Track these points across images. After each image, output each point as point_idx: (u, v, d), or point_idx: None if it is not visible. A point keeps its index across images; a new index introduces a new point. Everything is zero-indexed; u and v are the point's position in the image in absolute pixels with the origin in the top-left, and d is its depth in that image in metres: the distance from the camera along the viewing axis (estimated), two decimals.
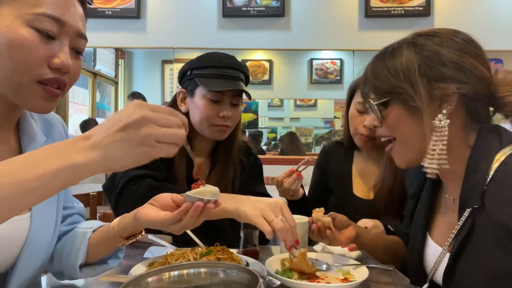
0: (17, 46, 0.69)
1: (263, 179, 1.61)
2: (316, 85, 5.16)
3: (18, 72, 0.70)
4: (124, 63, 5.58)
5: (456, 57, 0.87)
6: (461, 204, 0.88)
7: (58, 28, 0.73)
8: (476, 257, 0.84)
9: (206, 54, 1.41)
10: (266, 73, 5.13)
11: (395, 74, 0.89)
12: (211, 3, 4.15)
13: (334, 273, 1.02)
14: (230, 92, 1.34)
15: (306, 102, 5.92)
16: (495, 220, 0.80)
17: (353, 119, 1.52)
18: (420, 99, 0.87)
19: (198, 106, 1.35)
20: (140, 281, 0.67)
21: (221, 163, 1.43)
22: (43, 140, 0.88)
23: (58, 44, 0.74)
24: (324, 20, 4.13)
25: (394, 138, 0.96)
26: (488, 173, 0.82)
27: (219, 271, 0.71)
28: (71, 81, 0.79)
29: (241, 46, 4.23)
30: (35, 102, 0.74)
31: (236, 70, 1.36)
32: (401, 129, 0.92)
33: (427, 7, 3.93)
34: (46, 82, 0.73)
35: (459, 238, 0.87)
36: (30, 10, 0.70)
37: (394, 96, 0.90)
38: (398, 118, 0.91)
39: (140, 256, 1.15)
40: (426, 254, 1.01)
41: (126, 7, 4.10)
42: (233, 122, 1.38)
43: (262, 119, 5.92)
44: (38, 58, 0.71)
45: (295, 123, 6.01)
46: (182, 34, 4.13)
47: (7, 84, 0.72)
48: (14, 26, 0.69)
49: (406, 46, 0.91)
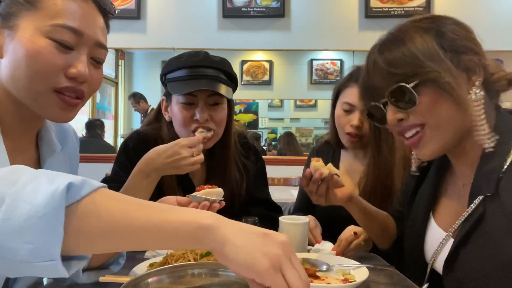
0: (34, 56, 0.72)
1: (267, 181, 1.53)
2: (316, 86, 5.17)
3: (36, 81, 0.74)
4: (124, 63, 5.59)
5: (464, 32, 0.87)
6: (473, 190, 0.86)
7: (76, 38, 0.75)
8: (483, 245, 0.82)
9: (176, 56, 1.32)
10: (266, 74, 5.13)
11: (414, 57, 0.85)
12: (211, 3, 4.15)
13: (334, 273, 1.02)
14: (204, 92, 1.22)
15: (306, 103, 5.92)
16: (510, 210, 0.78)
17: (339, 119, 1.52)
18: (449, 73, 0.83)
19: (174, 113, 1.27)
20: (140, 282, 0.67)
21: (218, 174, 1.36)
22: (59, 149, 0.91)
23: (76, 54, 0.76)
24: (324, 21, 4.13)
25: (422, 127, 0.89)
26: (506, 160, 0.80)
27: (219, 272, 0.71)
28: (91, 90, 0.81)
29: (241, 47, 4.24)
30: (53, 112, 0.77)
31: (207, 68, 1.24)
32: (437, 110, 0.86)
33: (427, 8, 3.94)
34: (63, 91, 0.75)
35: (466, 225, 0.85)
36: (49, 22, 0.73)
37: (422, 77, 0.85)
38: (433, 99, 0.85)
39: (140, 256, 1.16)
40: (427, 237, 0.99)
41: (126, 8, 4.11)
42: (216, 124, 1.26)
43: (262, 119, 5.92)
44: (54, 67, 0.74)
45: (295, 123, 6.01)
46: (182, 35, 4.14)
47: (27, 92, 0.75)
48: (33, 38, 0.72)
49: (414, 30, 0.88)
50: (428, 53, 0.84)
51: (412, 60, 0.85)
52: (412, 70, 0.85)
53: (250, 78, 5.09)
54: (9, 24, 0.74)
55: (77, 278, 0.89)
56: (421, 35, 0.87)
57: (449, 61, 0.84)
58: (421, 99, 0.86)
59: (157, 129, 1.37)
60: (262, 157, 1.53)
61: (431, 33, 0.87)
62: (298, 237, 1.17)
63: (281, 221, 1.19)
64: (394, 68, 0.87)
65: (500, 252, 0.79)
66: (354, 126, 1.45)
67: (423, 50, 0.85)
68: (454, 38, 0.86)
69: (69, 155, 0.96)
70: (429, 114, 0.87)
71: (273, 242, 0.51)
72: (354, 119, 1.45)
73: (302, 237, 1.18)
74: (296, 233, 1.17)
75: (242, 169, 1.39)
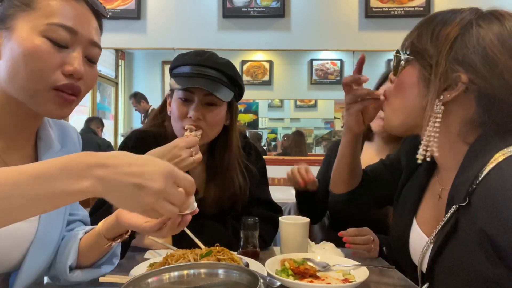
0: (31, 54, 0.73)
1: (267, 181, 1.51)
2: (316, 86, 5.16)
3: (34, 79, 0.75)
4: (124, 64, 5.59)
5: (493, 49, 0.77)
6: (449, 198, 0.83)
7: (71, 37, 0.77)
8: (457, 257, 0.79)
9: (184, 53, 1.33)
10: (266, 74, 5.13)
11: (435, 40, 0.83)
12: (211, 3, 4.15)
13: (334, 273, 1.02)
14: (201, 91, 1.22)
15: (306, 103, 5.92)
16: (480, 227, 0.73)
17: None
18: (435, 72, 0.81)
19: (172, 108, 1.28)
20: (140, 282, 0.67)
21: (219, 173, 1.34)
22: (58, 148, 0.91)
23: (71, 52, 0.78)
24: (324, 21, 4.13)
25: None
26: (482, 171, 0.74)
27: (219, 272, 0.71)
28: (86, 87, 0.82)
29: (241, 47, 4.24)
30: (51, 108, 0.78)
31: (210, 68, 1.24)
32: (406, 91, 0.88)
33: (427, 8, 3.94)
34: (61, 89, 0.77)
35: (443, 232, 0.82)
36: (44, 21, 0.75)
37: (419, 58, 0.85)
38: (410, 78, 0.87)
39: (140, 257, 1.16)
40: (411, 240, 0.97)
41: (126, 8, 4.11)
42: (208, 124, 1.24)
43: (262, 119, 5.92)
44: (51, 65, 0.75)
45: (295, 123, 6.01)
46: (182, 35, 4.14)
47: (24, 90, 0.76)
48: (30, 37, 0.74)
49: (459, 22, 0.83)
50: (442, 43, 0.82)
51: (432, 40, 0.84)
52: (422, 49, 0.85)
53: (250, 78, 5.09)
54: (6, 26, 0.75)
55: (66, 275, 0.89)
56: (456, 26, 0.82)
57: (444, 63, 0.81)
58: (404, 72, 0.88)
59: (160, 126, 1.36)
60: (262, 157, 1.52)
61: (464, 29, 0.81)
62: (298, 237, 1.17)
63: (281, 221, 1.19)
64: (417, 41, 0.87)
65: (472, 268, 0.75)
66: None
67: (443, 39, 0.82)
68: (468, 46, 0.79)
69: None
70: (400, 90, 0.90)
71: (146, 194, 0.57)
72: None
73: (302, 237, 1.18)
74: (296, 233, 1.17)
75: (246, 174, 1.38)
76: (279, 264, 1.03)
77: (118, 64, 5.46)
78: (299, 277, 0.97)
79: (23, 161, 0.84)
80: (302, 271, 0.98)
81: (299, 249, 1.16)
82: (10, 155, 0.82)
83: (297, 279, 0.95)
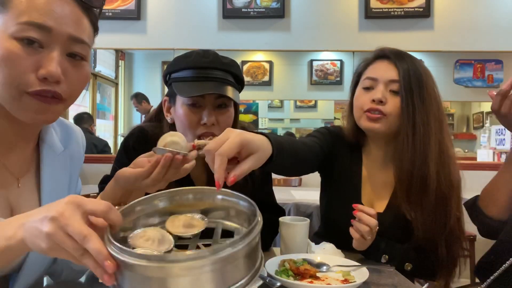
0: (3, 59, 0.68)
1: (271, 179, 1.44)
2: (316, 86, 5.16)
3: (7, 85, 0.70)
4: (124, 64, 5.59)
5: None
6: None
7: (44, 35, 0.70)
8: None
9: (183, 54, 1.25)
10: (266, 74, 5.13)
11: None
12: (211, 4, 4.15)
13: (334, 274, 1.02)
14: (212, 94, 1.17)
15: (306, 103, 5.93)
16: None
17: (358, 99, 1.32)
18: None
19: (179, 116, 1.20)
20: (150, 202, 0.74)
21: None
22: (61, 150, 0.90)
23: (46, 52, 0.71)
24: (324, 21, 4.13)
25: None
26: None
27: (217, 197, 0.79)
28: (73, 89, 0.76)
29: (241, 47, 4.23)
30: (28, 114, 0.74)
31: (216, 70, 1.19)
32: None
33: (427, 8, 3.93)
34: (34, 95, 0.71)
35: None
36: (15, 21, 0.69)
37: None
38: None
39: None
40: None
41: (126, 9, 4.10)
42: (221, 129, 1.16)
43: (262, 120, 5.92)
44: (23, 69, 0.69)
45: (295, 124, 6.02)
46: (182, 35, 4.14)
47: (1, 97, 0.73)
48: (2, 41, 0.68)
49: None
50: None
51: None
52: None
53: (250, 78, 5.08)
54: None
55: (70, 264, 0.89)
56: None
57: None
58: None
59: (159, 128, 1.31)
60: None
61: None
62: (298, 237, 1.17)
63: (281, 221, 1.19)
64: None
65: None
66: (376, 99, 1.25)
67: None
68: None
69: (70, 156, 0.95)
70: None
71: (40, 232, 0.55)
72: (376, 93, 1.26)
73: (302, 237, 1.18)
74: (296, 233, 1.17)
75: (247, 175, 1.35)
76: (279, 264, 1.03)
77: (118, 65, 5.46)
78: (299, 278, 0.97)
79: (23, 163, 0.84)
80: (302, 271, 0.98)
81: (299, 249, 1.16)
82: (9, 158, 0.81)
83: (297, 279, 0.95)
